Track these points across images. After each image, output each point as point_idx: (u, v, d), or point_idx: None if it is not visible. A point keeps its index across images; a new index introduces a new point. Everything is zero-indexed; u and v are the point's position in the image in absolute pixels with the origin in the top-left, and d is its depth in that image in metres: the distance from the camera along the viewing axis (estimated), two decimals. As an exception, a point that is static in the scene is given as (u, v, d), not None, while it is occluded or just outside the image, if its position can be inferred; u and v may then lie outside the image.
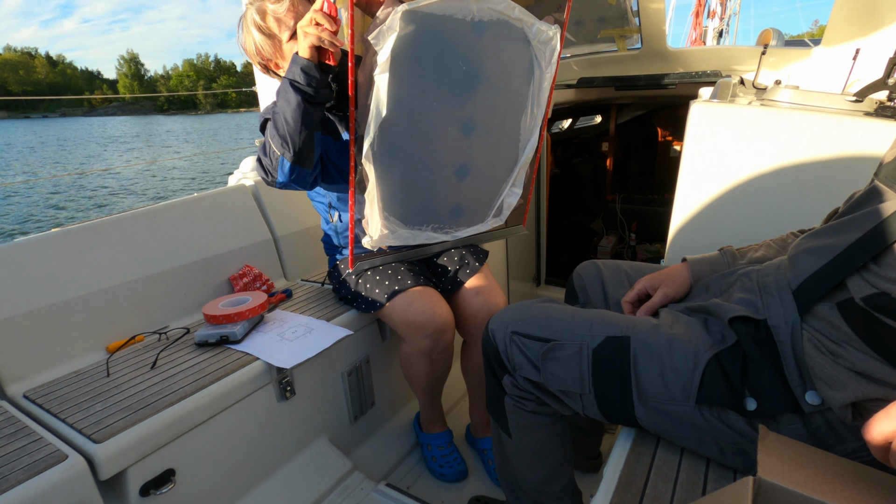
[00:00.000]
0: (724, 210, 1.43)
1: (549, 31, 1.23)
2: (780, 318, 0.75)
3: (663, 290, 0.99)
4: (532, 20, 1.20)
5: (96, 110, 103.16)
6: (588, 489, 1.30)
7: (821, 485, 0.52)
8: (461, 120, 1.23)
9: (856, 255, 0.67)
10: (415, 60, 1.08)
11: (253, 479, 1.28)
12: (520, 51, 1.24)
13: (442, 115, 1.19)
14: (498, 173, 1.41)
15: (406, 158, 1.20)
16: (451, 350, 1.40)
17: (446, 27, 1.08)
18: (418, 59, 1.08)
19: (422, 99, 1.14)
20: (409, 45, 1.04)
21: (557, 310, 0.97)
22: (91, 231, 1.40)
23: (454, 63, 1.14)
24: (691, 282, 1.00)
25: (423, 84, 1.12)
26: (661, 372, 0.81)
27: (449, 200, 1.34)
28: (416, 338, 1.34)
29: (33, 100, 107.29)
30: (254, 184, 1.80)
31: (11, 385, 1.18)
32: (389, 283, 1.38)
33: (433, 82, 1.14)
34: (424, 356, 1.35)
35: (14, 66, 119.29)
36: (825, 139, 1.28)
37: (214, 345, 1.31)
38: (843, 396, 0.66)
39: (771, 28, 2.34)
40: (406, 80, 1.08)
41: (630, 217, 3.18)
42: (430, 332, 1.32)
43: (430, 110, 1.17)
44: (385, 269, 1.41)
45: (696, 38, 13.14)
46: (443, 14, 1.06)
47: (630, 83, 2.68)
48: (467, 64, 1.16)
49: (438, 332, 1.32)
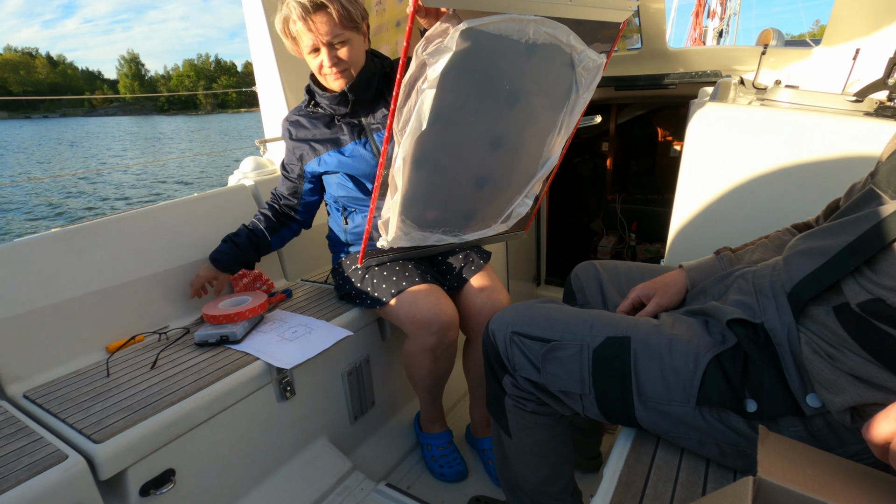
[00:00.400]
0: (724, 210, 1.43)
1: (596, 59, 1.22)
2: (776, 321, 0.75)
3: (657, 301, 1.00)
4: (582, 47, 1.19)
5: (97, 110, 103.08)
6: (588, 489, 1.30)
7: (821, 485, 0.52)
8: (492, 135, 1.24)
9: (849, 258, 0.67)
10: (462, 76, 1.07)
11: (253, 479, 1.28)
12: (563, 75, 1.22)
13: (476, 129, 1.20)
14: (514, 185, 1.43)
15: (433, 168, 1.22)
16: (454, 348, 1.40)
17: (499, 46, 1.07)
18: (466, 75, 1.08)
19: (460, 113, 1.15)
20: (461, 61, 1.04)
21: (558, 310, 0.97)
22: (91, 231, 1.40)
23: (499, 81, 1.14)
24: (688, 288, 1.00)
25: (464, 99, 1.13)
26: (662, 372, 0.81)
27: (463, 207, 1.38)
28: (422, 335, 1.34)
29: (34, 100, 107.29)
30: (254, 184, 1.80)
31: (11, 385, 1.18)
32: (396, 280, 1.39)
33: (474, 98, 1.14)
34: (429, 353, 1.36)
35: (15, 66, 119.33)
36: (825, 139, 1.28)
37: (214, 345, 1.31)
38: (841, 400, 0.66)
39: (771, 28, 2.35)
40: (450, 94, 1.08)
41: (630, 217, 3.18)
42: (435, 328, 1.32)
43: (465, 125, 1.18)
44: (392, 266, 1.42)
45: (697, 38, 13.14)
46: (499, 34, 1.05)
47: (630, 83, 2.68)
48: (511, 83, 1.16)
49: (444, 328, 1.33)
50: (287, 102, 1.91)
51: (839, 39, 1.96)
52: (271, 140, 1.99)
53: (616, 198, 3.27)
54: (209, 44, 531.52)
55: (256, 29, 1.86)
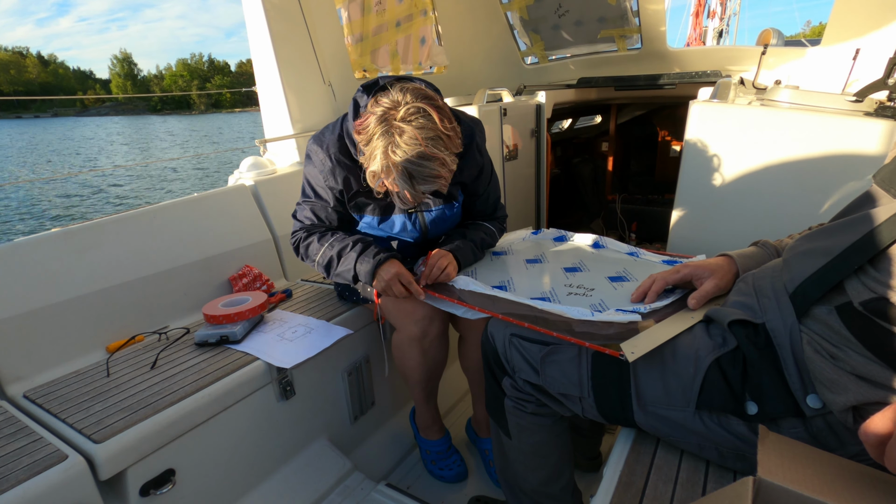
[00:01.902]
0: (724, 210, 1.43)
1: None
2: (778, 321, 0.75)
3: (715, 281, 0.93)
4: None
5: (89, 110, 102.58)
6: (588, 489, 1.30)
7: (821, 485, 0.52)
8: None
9: (852, 258, 0.67)
10: None
11: (253, 480, 1.28)
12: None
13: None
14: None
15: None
16: (443, 341, 1.39)
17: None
18: None
19: None
20: None
21: (557, 310, 0.97)
22: (91, 231, 1.40)
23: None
24: (739, 274, 0.94)
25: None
26: (662, 376, 0.81)
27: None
28: (407, 323, 1.33)
29: (25, 100, 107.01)
30: (254, 184, 1.80)
31: (11, 385, 1.18)
32: None
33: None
34: (416, 344, 1.35)
35: (5, 65, 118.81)
36: (825, 139, 1.28)
37: (214, 345, 1.31)
38: (843, 400, 0.66)
39: (771, 28, 2.35)
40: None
41: (630, 217, 3.18)
42: (419, 317, 1.31)
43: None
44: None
45: (696, 38, 13.14)
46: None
47: (630, 83, 2.69)
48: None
49: (428, 318, 1.32)
50: (287, 102, 1.91)
51: (839, 39, 1.96)
52: (271, 140, 1.99)
53: (616, 198, 3.27)
54: (206, 43, 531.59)
55: (256, 29, 1.86)
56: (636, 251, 1.32)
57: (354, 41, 2.21)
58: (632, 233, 3.15)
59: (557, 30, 2.97)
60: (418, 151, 1.04)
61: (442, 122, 1.06)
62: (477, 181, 1.39)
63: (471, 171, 1.35)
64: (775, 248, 0.95)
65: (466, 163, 1.31)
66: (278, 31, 1.86)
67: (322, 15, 2.03)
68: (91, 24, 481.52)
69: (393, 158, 1.06)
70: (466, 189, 1.41)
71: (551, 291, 1.13)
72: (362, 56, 2.26)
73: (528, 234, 1.57)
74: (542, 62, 3.21)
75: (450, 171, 1.11)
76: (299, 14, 1.92)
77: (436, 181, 1.10)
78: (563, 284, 1.16)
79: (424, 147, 1.04)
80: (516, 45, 3.12)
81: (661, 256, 1.29)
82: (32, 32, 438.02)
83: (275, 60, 1.86)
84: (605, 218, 3.34)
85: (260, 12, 1.81)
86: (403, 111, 1.05)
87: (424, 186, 1.11)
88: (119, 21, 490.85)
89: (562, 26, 2.94)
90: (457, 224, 1.46)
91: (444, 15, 2.62)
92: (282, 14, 1.87)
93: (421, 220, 1.37)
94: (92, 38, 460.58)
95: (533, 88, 2.60)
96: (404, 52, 2.45)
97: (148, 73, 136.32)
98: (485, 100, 2.21)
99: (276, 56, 1.85)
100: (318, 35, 2.01)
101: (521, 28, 3.05)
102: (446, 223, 1.41)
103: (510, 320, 0.99)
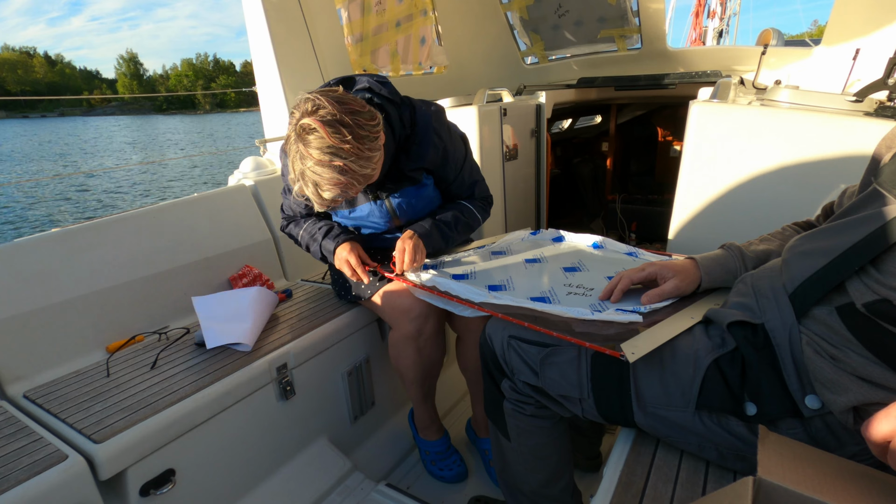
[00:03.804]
0: (724, 210, 1.43)
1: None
2: (778, 321, 0.75)
3: (676, 283, 0.94)
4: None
5: (95, 110, 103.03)
6: (588, 489, 1.30)
7: (821, 485, 0.52)
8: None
9: (853, 259, 0.67)
10: None
11: (253, 479, 1.28)
12: None
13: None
14: None
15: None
16: (439, 340, 1.40)
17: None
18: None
19: None
20: None
21: (557, 310, 0.97)
22: (91, 231, 1.40)
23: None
24: (702, 278, 0.96)
25: None
26: (661, 377, 0.81)
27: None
28: (402, 321, 1.34)
29: (31, 99, 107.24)
30: (254, 184, 1.80)
31: (11, 385, 1.18)
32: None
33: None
34: (412, 342, 1.35)
35: (13, 65, 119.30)
36: (825, 139, 1.28)
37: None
38: (844, 400, 0.66)
39: (771, 28, 2.35)
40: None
41: (630, 217, 3.18)
42: (414, 315, 1.32)
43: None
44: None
45: (696, 38, 13.15)
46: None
47: (630, 83, 2.68)
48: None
49: (423, 316, 1.32)
50: (287, 102, 1.91)
51: (839, 39, 1.96)
52: (271, 140, 1.99)
53: (616, 198, 3.27)
54: (216, 42, 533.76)
55: (256, 29, 1.86)
56: (635, 251, 1.32)
57: (354, 41, 2.21)
58: (632, 233, 3.15)
59: (557, 30, 2.98)
60: (317, 160, 1.08)
61: (332, 136, 1.07)
62: (445, 167, 1.40)
63: (432, 157, 1.35)
64: (740, 249, 0.95)
65: (423, 150, 1.32)
66: (278, 32, 1.86)
67: (322, 15, 2.03)
68: (103, 23, 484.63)
69: (299, 166, 1.11)
70: (435, 175, 1.42)
71: (551, 291, 1.12)
72: (362, 56, 2.26)
73: (527, 234, 1.57)
74: (541, 62, 3.21)
75: (358, 176, 1.12)
76: (299, 14, 1.92)
77: (341, 187, 1.12)
78: (562, 284, 1.16)
79: (321, 157, 1.08)
80: (516, 45, 3.12)
81: (661, 256, 1.29)
82: (44, 32, 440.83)
83: (275, 60, 1.86)
84: (605, 218, 3.33)
85: (260, 12, 1.81)
86: (307, 121, 1.08)
87: (328, 194, 1.13)
88: (131, 20, 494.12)
89: (562, 26, 2.94)
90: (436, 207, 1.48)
91: (443, 15, 2.62)
92: (282, 14, 1.87)
93: (388, 206, 1.38)
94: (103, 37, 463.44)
95: (533, 88, 2.60)
96: (404, 52, 2.46)
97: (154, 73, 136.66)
98: (485, 100, 2.21)
99: (276, 56, 1.85)
100: (318, 35, 2.01)
101: (521, 28, 3.05)
102: (416, 208, 1.41)
103: (509, 319, 0.99)
